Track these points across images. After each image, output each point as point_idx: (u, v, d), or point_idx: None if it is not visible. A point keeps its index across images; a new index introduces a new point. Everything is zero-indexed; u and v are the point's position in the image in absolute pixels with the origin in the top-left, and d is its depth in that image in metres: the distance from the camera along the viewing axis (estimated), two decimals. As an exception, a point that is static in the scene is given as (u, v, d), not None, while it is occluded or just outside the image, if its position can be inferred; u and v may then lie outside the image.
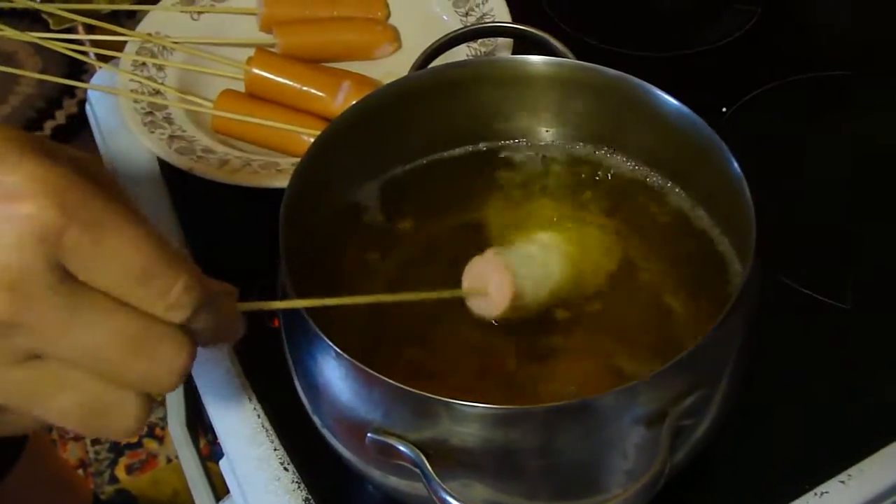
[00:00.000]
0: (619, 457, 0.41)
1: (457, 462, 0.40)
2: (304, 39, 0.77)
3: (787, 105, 0.73)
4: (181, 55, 0.76)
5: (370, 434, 0.41)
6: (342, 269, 0.53)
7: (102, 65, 0.75)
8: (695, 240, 0.52)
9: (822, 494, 0.50)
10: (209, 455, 0.76)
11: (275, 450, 0.53)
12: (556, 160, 0.57)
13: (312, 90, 0.71)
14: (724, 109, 0.71)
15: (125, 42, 0.75)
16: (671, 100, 0.50)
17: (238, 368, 0.57)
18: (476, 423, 0.39)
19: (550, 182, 0.56)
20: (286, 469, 0.52)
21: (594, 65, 0.53)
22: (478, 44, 0.74)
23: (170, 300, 0.30)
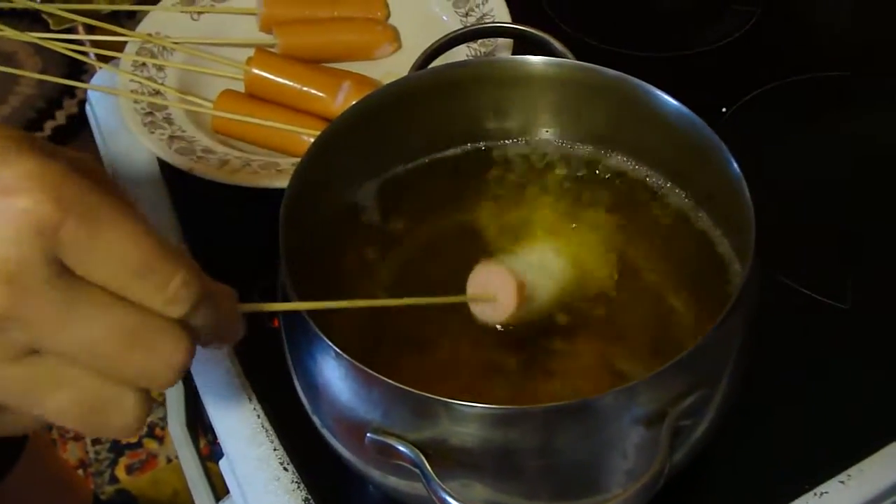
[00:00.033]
0: (619, 457, 0.41)
1: (456, 462, 0.40)
2: (304, 40, 0.77)
3: (787, 105, 0.73)
4: (181, 55, 0.76)
5: (370, 434, 0.41)
6: (342, 269, 0.53)
7: (102, 65, 0.75)
8: (694, 240, 0.52)
9: (822, 495, 0.50)
10: (209, 455, 0.76)
11: (274, 450, 0.53)
12: (556, 160, 0.57)
13: (312, 90, 0.71)
14: (724, 110, 0.71)
15: (125, 42, 0.75)
16: (671, 100, 0.50)
17: (238, 368, 0.58)
18: (475, 423, 0.39)
19: (550, 182, 0.56)
20: (286, 469, 0.52)
21: (594, 65, 0.53)
22: (478, 44, 0.74)
23: (168, 294, 0.30)
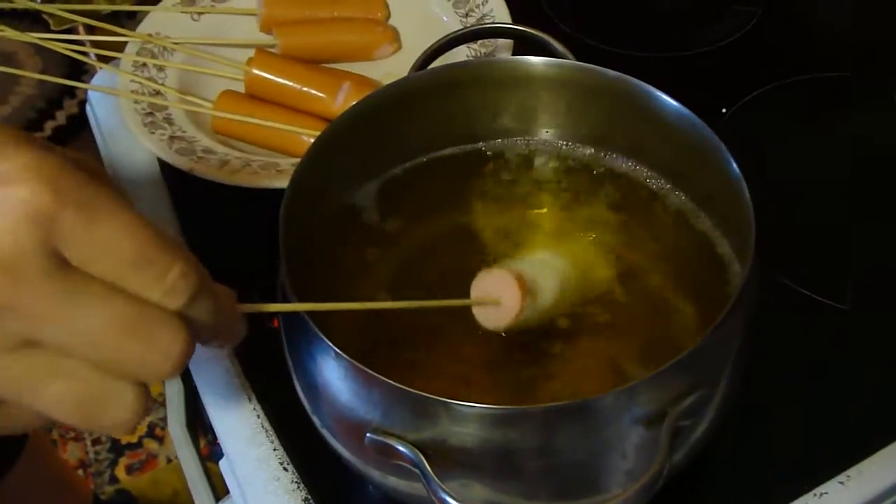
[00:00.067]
0: (619, 457, 0.41)
1: (456, 462, 0.40)
2: (305, 40, 0.77)
3: (787, 106, 0.73)
4: (181, 56, 0.76)
5: (369, 434, 0.41)
6: (342, 269, 0.53)
7: (103, 65, 0.75)
8: (694, 240, 0.52)
9: (822, 495, 0.50)
10: (209, 455, 0.76)
11: (274, 450, 0.53)
12: (556, 161, 0.57)
13: (312, 91, 0.71)
14: (724, 110, 0.71)
15: (125, 43, 0.75)
16: (671, 101, 0.50)
17: (238, 368, 0.58)
18: (475, 424, 0.39)
19: (550, 183, 0.56)
20: (286, 469, 0.52)
21: (594, 66, 0.53)
22: (478, 45, 0.74)
23: (166, 285, 0.30)
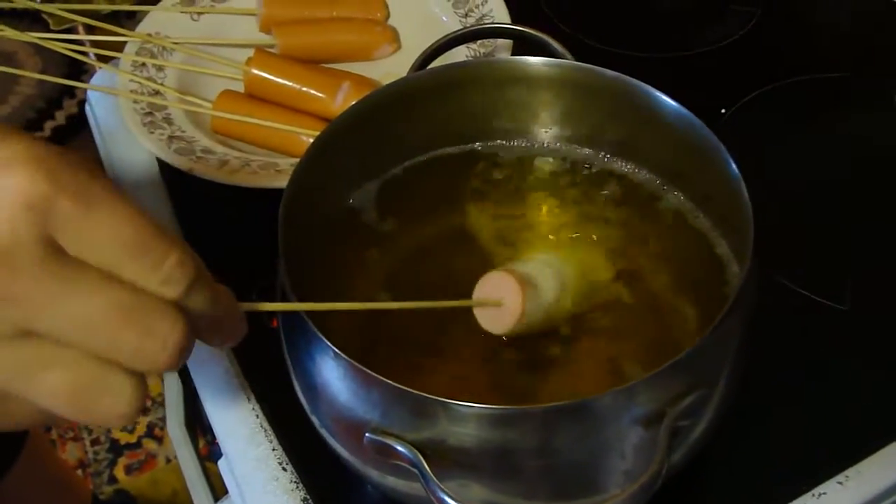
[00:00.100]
0: (617, 457, 0.41)
1: (454, 462, 0.40)
2: (304, 40, 0.77)
3: (786, 106, 0.73)
4: (181, 56, 0.76)
5: (368, 434, 0.41)
6: (341, 270, 0.53)
7: (102, 65, 0.75)
8: (693, 241, 0.52)
9: (820, 495, 0.50)
10: (208, 455, 0.76)
11: (273, 450, 0.53)
12: (555, 161, 0.57)
13: (312, 91, 0.71)
14: (723, 111, 0.71)
15: (125, 42, 0.75)
16: (670, 101, 0.50)
17: (237, 368, 0.58)
18: (474, 424, 0.39)
19: (549, 183, 0.56)
20: (284, 469, 0.52)
21: (593, 66, 0.53)
22: (477, 45, 0.74)
23: (163, 274, 0.30)
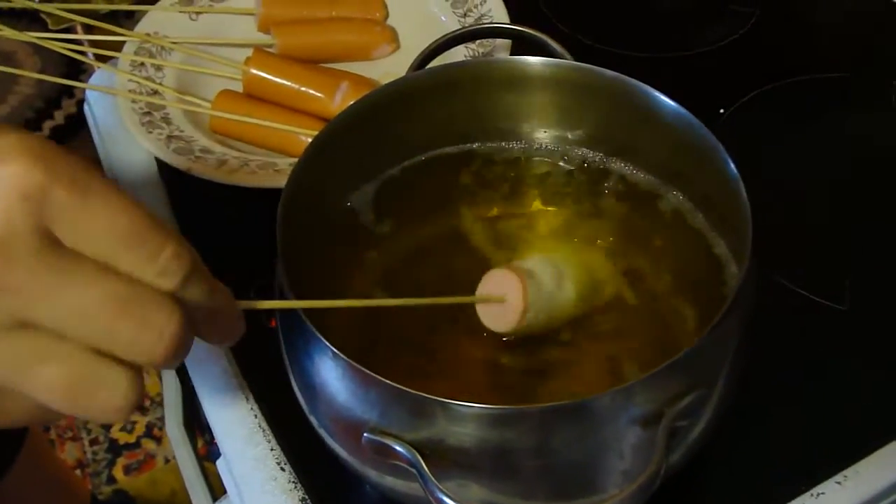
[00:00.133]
0: (616, 457, 0.41)
1: (453, 462, 0.40)
2: (303, 40, 0.77)
3: (785, 106, 0.73)
4: (179, 55, 0.76)
5: (366, 434, 0.41)
6: (340, 270, 0.53)
7: (101, 65, 0.75)
8: (691, 241, 0.52)
9: (819, 495, 0.50)
10: (206, 455, 0.76)
11: (271, 449, 0.53)
12: (553, 161, 0.57)
13: (310, 90, 0.71)
14: (722, 111, 0.71)
15: (123, 42, 0.75)
16: (668, 101, 0.50)
17: (235, 368, 0.58)
18: (472, 424, 0.39)
19: (547, 183, 0.56)
20: (283, 469, 0.52)
21: (591, 66, 0.53)
22: (476, 44, 0.74)
23: (159, 266, 0.30)
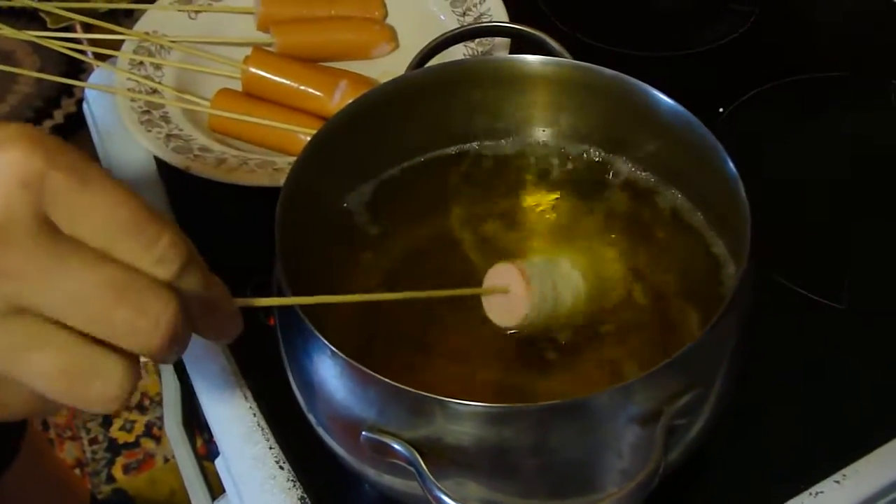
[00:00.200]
0: (614, 456, 0.41)
1: (451, 460, 0.40)
2: (302, 39, 0.77)
3: (784, 105, 0.73)
4: (178, 54, 0.76)
5: (365, 432, 0.41)
6: (338, 269, 0.53)
7: (100, 63, 0.75)
8: (690, 240, 0.52)
9: (818, 494, 0.50)
10: (205, 454, 0.76)
11: (270, 448, 0.53)
12: (552, 160, 0.57)
13: (309, 89, 0.71)
14: (721, 110, 0.71)
15: (122, 41, 0.75)
16: (667, 100, 0.50)
17: (234, 367, 0.58)
18: (470, 422, 0.39)
19: (546, 182, 0.56)
20: (281, 468, 0.52)
21: (591, 64, 0.53)
22: (475, 43, 0.74)
23: (156, 254, 0.30)
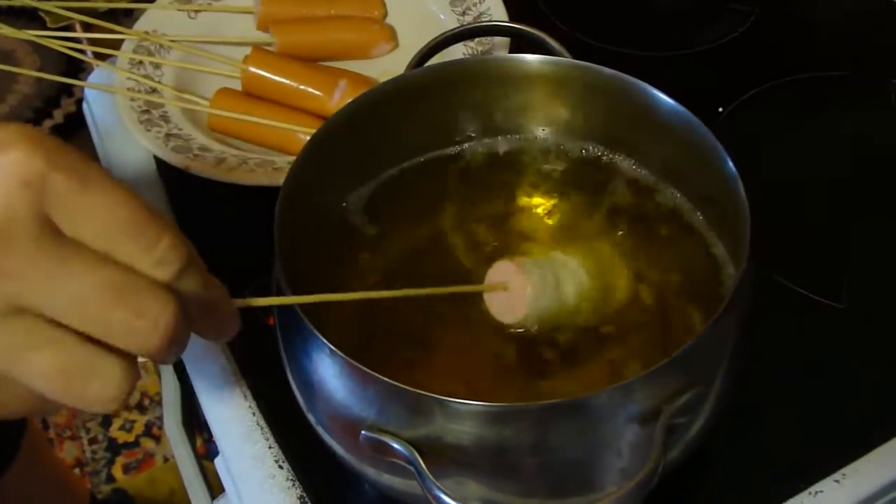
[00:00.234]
0: (613, 455, 0.41)
1: (451, 460, 0.40)
2: (301, 38, 0.77)
3: (784, 105, 0.73)
4: (178, 53, 0.76)
5: (364, 431, 0.41)
6: (337, 269, 0.52)
7: (99, 63, 0.75)
8: (690, 239, 0.52)
9: (817, 493, 0.50)
10: (205, 454, 0.76)
11: (269, 448, 0.53)
12: (552, 159, 0.57)
13: (309, 89, 0.71)
14: (721, 109, 0.71)
15: (122, 40, 0.75)
16: (667, 99, 0.50)
17: (233, 366, 0.58)
18: (470, 421, 0.39)
19: (545, 181, 0.56)
20: (281, 467, 0.52)
21: (590, 64, 0.53)
22: (474, 42, 0.74)
23: (156, 256, 0.30)
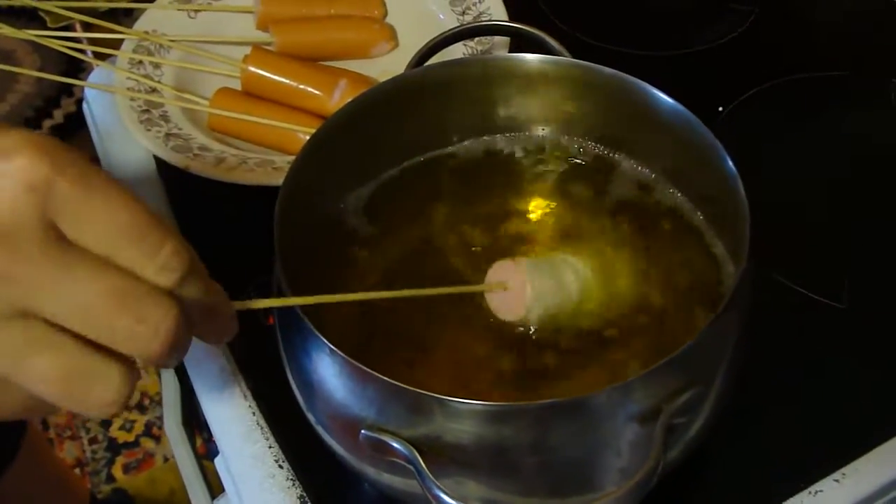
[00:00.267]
0: (613, 454, 0.41)
1: (450, 459, 0.40)
2: (301, 38, 0.77)
3: (784, 104, 0.73)
4: (178, 53, 0.76)
5: (364, 431, 0.41)
6: (337, 269, 0.52)
7: (99, 63, 0.75)
8: (690, 238, 0.52)
9: (817, 493, 0.50)
10: (205, 454, 0.76)
11: (269, 447, 0.53)
12: (551, 158, 0.57)
13: (309, 88, 0.71)
14: (721, 109, 0.71)
15: (122, 40, 0.75)
16: (667, 98, 0.50)
17: (233, 366, 0.58)
18: (469, 420, 0.39)
19: (545, 180, 0.56)
20: (281, 466, 0.52)
21: (590, 63, 0.53)
22: (474, 42, 0.74)
23: (159, 262, 0.30)
